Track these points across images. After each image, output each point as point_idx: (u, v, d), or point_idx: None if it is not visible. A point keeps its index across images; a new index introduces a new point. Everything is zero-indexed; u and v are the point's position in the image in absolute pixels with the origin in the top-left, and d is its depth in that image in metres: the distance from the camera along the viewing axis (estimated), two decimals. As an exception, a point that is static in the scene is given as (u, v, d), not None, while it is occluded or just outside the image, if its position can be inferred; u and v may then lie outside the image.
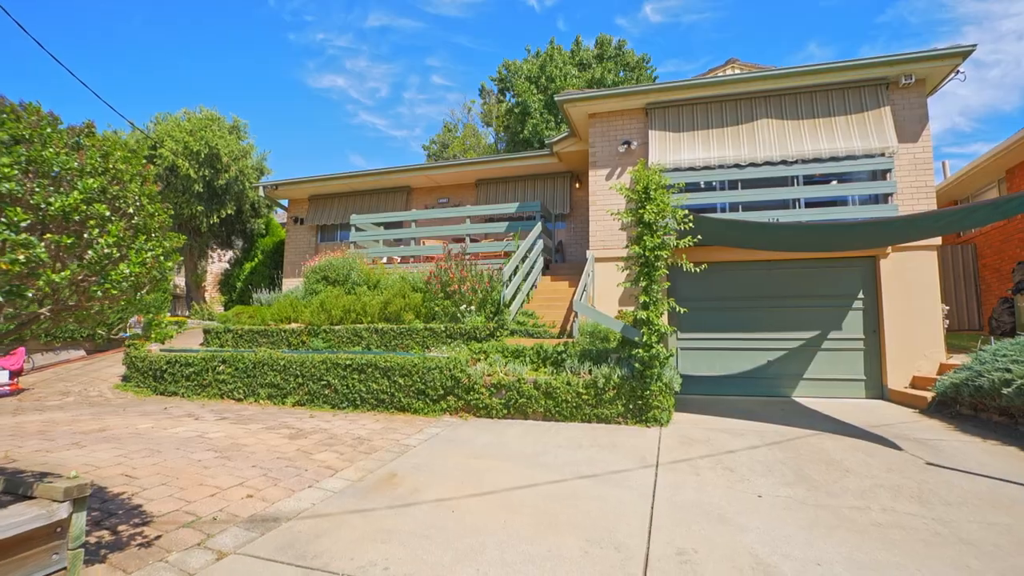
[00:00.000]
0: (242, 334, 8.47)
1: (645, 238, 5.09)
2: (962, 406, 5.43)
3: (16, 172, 1.61)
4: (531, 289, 8.97)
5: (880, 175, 7.36)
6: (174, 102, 55.72)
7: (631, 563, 2.53)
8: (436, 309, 7.91)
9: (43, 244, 1.67)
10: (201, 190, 12.80)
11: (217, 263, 19.45)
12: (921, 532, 2.84)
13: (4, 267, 1.54)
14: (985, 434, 4.67)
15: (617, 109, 8.50)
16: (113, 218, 1.92)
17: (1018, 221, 9.01)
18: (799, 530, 2.87)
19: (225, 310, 14.05)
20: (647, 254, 5.04)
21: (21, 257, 1.57)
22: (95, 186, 1.83)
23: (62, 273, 1.73)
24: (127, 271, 1.93)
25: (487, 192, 12.07)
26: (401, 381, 5.82)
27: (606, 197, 8.25)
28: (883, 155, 7.20)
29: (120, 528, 2.81)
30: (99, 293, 1.90)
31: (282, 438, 4.71)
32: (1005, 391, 4.42)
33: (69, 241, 1.76)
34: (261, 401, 6.48)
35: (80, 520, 2.01)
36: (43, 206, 1.67)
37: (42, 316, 1.99)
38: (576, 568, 2.48)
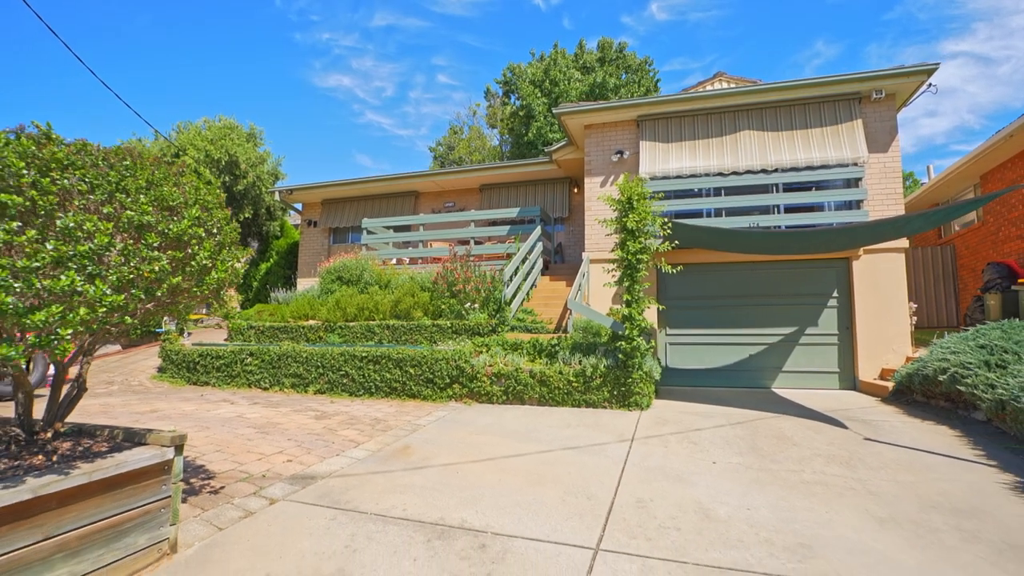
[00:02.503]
0: (264, 330, 9.19)
1: (628, 243, 5.73)
2: (916, 394, 6.02)
3: (150, 208, 2.30)
4: (531, 288, 9.63)
5: (853, 183, 7.94)
6: (179, 101, 56.63)
7: (599, 507, 3.19)
8: (443, 307, 8.59)
9: (166, 258, 2.35)
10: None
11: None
12: (839, 488, 3.47)
13: (146, 275, 2.22)
14: (927, 416, 5.28)
15: (610, 121, 9.13)
16: (206, 237, 2.61)
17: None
18: (739, 486, 3.52)
19: (242, 308, 14.81)
20: (629, 257, 5.68)
21: (156, 267, 2.25)
22: (196, 215, 2.51)
23: (176, 278, 2.41)
24: (216, 276, 2.62)
25: (491, 196, 12.73)
26: (412, 371, 6.51)
27: (600, 203, 8.88)
28: (855, 164, 7.79)
29: (192, 480, 3.51)
30: (197, 293, 2.58)
31: (309, 418, 5.41)
32: (941, 378, 5.02)
33: (180, 255, 2.44)
34: (286, 390, 7.18)
35: (179, 462, 2.69)
36: (166, 231, 2.35)
37: (146, 310, 2.68)
38: (554, 510, 3.14)
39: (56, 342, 1.91)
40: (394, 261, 11.75)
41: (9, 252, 1.85)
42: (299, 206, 15.11)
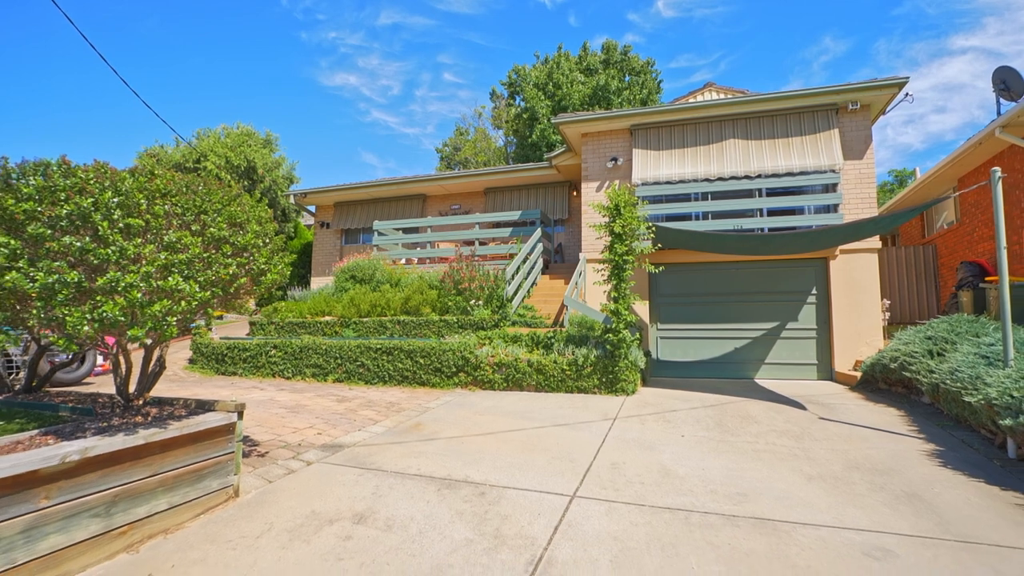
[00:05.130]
0: (283, 325, 9.92)
1: (616, 246, 6.37)
2: (879, 382, 6.63)
3: (225, 225, 2.98)
4: (531, 286, 10.29)
5: (830, 188, 8.52)
6: (183, 100, 57.50)
7: (579, 467, 3.85)
8: (449, 304, 9.27)
9: (235, 263, 3.04)
10: (239, 198, 14.37)
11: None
12: (783, 454, 4.11)
13: (223, 277, 2.91)
14: (882, 401, 5.89)
15: (605, 129, 9.75)
16: (262, 247, 3.30)
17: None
18: (700, 453, 4.16)
19: (257, 305, 15.57)
20: (616, 259, 6.32)
21: (230, 271, 2.93)
22: (256, 228, 3.20)
23: (243, 279, 3.10)
24: (270, 277, 3.31)
25: (495, 199, 13.39)
26: (422, 361, 7.20)
27: (594, 208, 9.51)
28: (832, 171, 8.37)
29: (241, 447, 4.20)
30: (255, 290, 3.27)
31: (332, 401, 6.11)
32: (893, 366, 5.63)
33: (245, 261, 3.13)
34: (307, 379, 7.90)
35: (240, 425, 3.38)
36: (236, 243, 3.04)
37: (218, 304, 3.36)
38: (542, 470, 3.80)
39: (166, 327, 2.60)
40: (403, 261, 12.45)
41: (135, 261, 2.54)
42: (312, 208, 15.85)
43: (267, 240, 3.39)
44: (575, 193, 12.61)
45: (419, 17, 56.67)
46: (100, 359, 8.34)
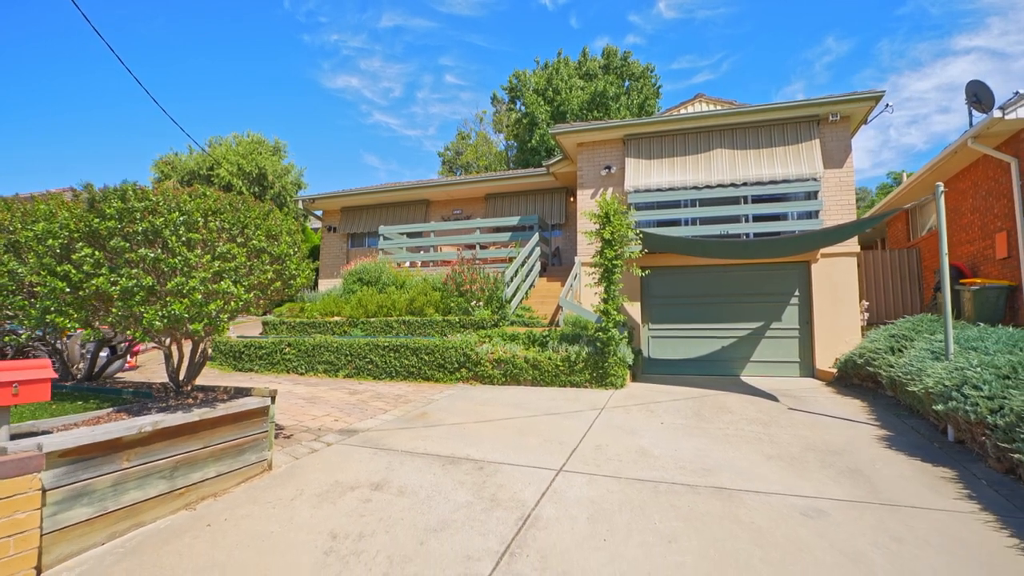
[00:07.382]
0: (294, 325, 10.46)
1: (606, 251, 6.89)
2: (853, 377, 7.12)
3: (263, 237, 3.52)
4: (529, 288, 10.81)
5: (812, 195, 9.01)
6: (186, 101, 58.16)
7: (566, 448, 4.36)
8: (451, 304, 9.80)
9: (272, 270, 3.58)
10: (249, 203, 14.98)
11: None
12: (749, 438, 4.62)
13: (262, 280, 3.44)
14: (851, 394, 6.38)
15: (600, 139, 10.27)
16: (293, 255, 3.83)
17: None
18: (675, 437, 4.68)
19: (269, 306, 16.12)
20: (606, 263, 6.84)
21: (268, 277, 3.47)
22: (288, 240, 3.74)
23: (277, 283, 3.64)
24: (299, 281, 3.85)
25: (495, 204, 13.93)
26: (426, 358, 7.73)
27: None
28: (813, 179, 8.86)
29: (268, 430, 4.74)
30: (287, 292, 3.81)
31: (345, 394, 6.65)
32: (859, 361, 6.13)
33: (279, 268, 3.66)
34: (319, 374, 8.44)
35: (273, 408, 3.92)
36: (272, 252, 3.57)
37: (256, 304, 3.90)
38: (534, 450, 4.32)
39: (219, 323, 3.14)
40: (408, 264, 12.99)
41: (195, 269, 3.08)
42: (319, 212, 16.41)
43: (296, 249, 3.93)
44: (572, 199, 13.13)
45: (421, 19, 57.38)
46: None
